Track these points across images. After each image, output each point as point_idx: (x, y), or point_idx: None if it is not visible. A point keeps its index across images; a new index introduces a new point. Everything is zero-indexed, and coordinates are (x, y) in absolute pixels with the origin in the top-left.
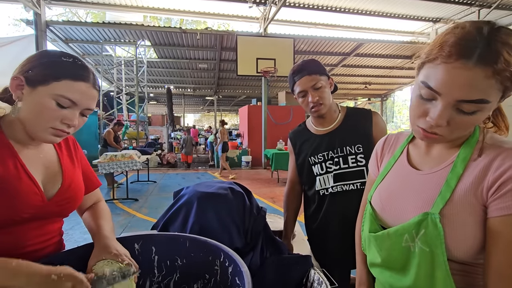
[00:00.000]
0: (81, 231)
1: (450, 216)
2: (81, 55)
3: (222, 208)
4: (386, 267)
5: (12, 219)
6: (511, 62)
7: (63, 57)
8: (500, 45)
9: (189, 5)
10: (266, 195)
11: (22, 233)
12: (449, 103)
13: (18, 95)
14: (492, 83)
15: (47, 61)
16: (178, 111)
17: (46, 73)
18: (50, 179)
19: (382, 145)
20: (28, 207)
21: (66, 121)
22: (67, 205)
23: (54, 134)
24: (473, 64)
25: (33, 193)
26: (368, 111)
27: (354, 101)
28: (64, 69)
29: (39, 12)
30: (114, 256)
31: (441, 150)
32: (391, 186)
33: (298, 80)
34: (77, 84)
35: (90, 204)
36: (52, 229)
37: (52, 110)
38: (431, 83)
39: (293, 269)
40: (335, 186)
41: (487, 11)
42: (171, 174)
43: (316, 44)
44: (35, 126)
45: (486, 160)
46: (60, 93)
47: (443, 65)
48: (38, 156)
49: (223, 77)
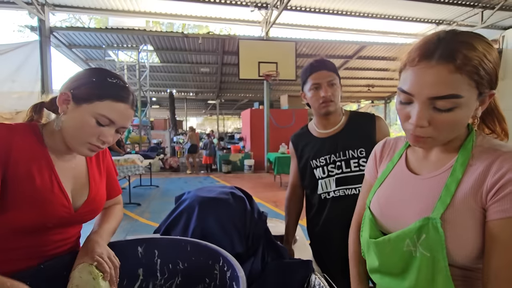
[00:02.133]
0: None
1: (451, 220)
2: (84, 60)
3: (223, 213)
4: (386, 272)
5: (37, 228)
6: (471, 57)
7: (109, 77)
8: (459, 44)
9: (191, 10)
10: (269, 199)
11: (45, 238)
12: (424, 103)
13: (63, 109)
14: (457, 77)
15: (93, 81)
16: (181, 115)
17: (91, 92)
18: (78, 191)
19: (381, 149)
20: (55, 218)
21: (102, 138)
22: (90, 215)
23: (90, 149)
24: (435, 62)
25: (62, 205)
26: (371, 116)
27: (357, 103)
28: (108, 90)
29: (43, 19)
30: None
31: (439, 155)
32: (390, 191)
33: (315, 72)
34: (118, 105)
35: (107, 206)
36: (72, 234)
37: (91, 127)
38: (404, 87)
39: (294, 274)
40: (337, 190)
41: (490, 13)
42: (173, 179)
43: (318, 47)
44: (74, 140)
45: (485, 164)
46: (101, 113)
47: (410, 69)
48: (71, 167)
49: (225, 81)
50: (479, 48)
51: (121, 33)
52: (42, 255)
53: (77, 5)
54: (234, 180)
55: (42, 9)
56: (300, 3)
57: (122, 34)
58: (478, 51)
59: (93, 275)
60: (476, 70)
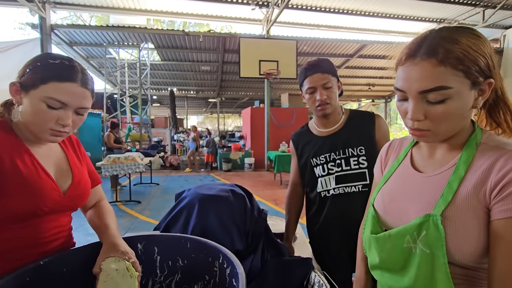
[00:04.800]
0: (84, 233)
1: (452, 218)
2: (85, 58)
3: (223, 211)
4: (386, 268)
5: (34, 212)
6: (453, 50)
7: (50, 59)
8: (439, 39)
9: (192, 8)
10: (269, 197)
11: (40, 225)
12: (415, 97)
13: (17, 100)
14: (441, 70)
15: (35, 66)
16: (181, 113)
17: (34, 77)
18: (62, 176)
19: (386, 150)
20: (48, 201)
21: (60, 122)
22: (78, 199)
23: (53, 134)
24: (420, 59)
25: (51, 188)
26: (371, 114)
27: (358, 102)
28: (50, 72)
29: (44, 16)
30: (121, 254)
31: (444, 153)
32: (394, 188)
33: (310, 75)
34: (64, 85)
35: (93, 202)
36: (64, 222)
37: (44, 112)
38: (397, 85)
39: (294, 271)
40: (337, 188)
41: (492, 12)
42: (174, 176)
43: (319, 45)
44: (35, 128)
45: (489, 162)
46: (48, 95)
47: (400, 68)
48: (49, 154)
49: (226, 79)
50: (462, 41)
51: (122, 31)
52: (40, 242)
53: (78, 2)
54: (234, 178)
55: (43, 6)
56: (301, 2)
57: (123, 32)
58: (461, 43)
59: (130, 273)
60: (459, 61)
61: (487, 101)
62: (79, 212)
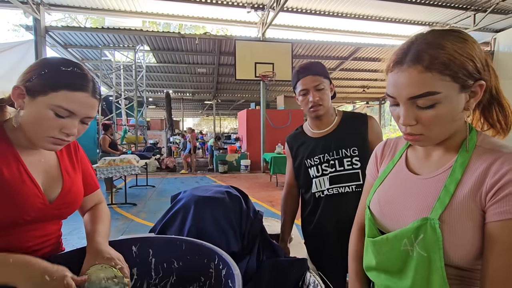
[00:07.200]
0: (79, 236)
1: (449, 221)
2: (80, 60)
3: (219, 212)
4: (382, 270)
5: (15, 221)
6: (438, 56)
7: (62, 66)
8: (425, 45)
9: (188, 10)
10: (265, 199)
11: (23, 234)
12: (405, 103)
13: (19, 104)
14: (428, 76)
15: (46, 71)
16: (177, 116)
17: (45, 83)
18: (51, 184)
19: (382, 149)
20: (30, 209)
21: (65, 131)
22: (67, 209)
23: (54, 143)
24: (406, 66)
25: (35, 196)
26: (364, 115)
27: (352, 104)
28: (62, 80)
29: (38, 18)
30: (106, 260)
31: (440, 155)
32: (390, 190)
33: (302, 78)
34: (75, 94)
35: (91, 205)
36: (51, 231)
37: (50, 120)
38: (388, 91)
39: (289, 272)
40: (331, 188)
41: (482, 15)
42: (170, 179)
43: (314, 48)
44: (35, 135)
45: (485, 165)
46: (58, 104)
47: (389, 75)
48: (40, 161)
49: (222, 82)
50: (447, 46)
51: (117, 33)
52: (25, 251)
53: (73, 4)
54: (230, 180)
55: (37, 8)
56: (296, 5)
57: (119, 34)
58: (447, 48)
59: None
60: (445, 66)
61: (481, 102)
62: (76, 215)
